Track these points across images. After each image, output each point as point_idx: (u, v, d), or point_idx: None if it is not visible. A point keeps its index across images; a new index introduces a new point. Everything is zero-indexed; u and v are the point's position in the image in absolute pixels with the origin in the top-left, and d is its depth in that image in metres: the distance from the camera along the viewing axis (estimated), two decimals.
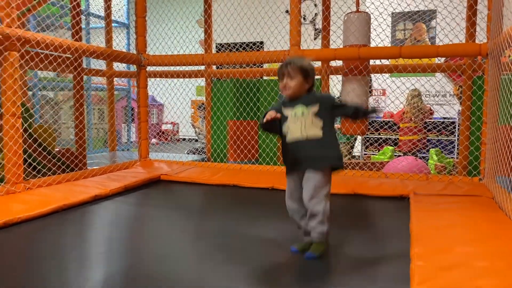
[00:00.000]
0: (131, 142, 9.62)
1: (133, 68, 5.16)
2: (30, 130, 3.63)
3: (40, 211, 2.65)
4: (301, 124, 2.01)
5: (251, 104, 4.84)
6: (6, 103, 2.98)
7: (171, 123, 10.93)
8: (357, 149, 7.40)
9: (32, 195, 3.04)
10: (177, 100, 5.46)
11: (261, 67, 5.94)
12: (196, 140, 9.23)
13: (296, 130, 2.02)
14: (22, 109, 3.24)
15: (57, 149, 4.23)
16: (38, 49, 3.29)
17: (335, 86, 4.58)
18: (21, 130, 3.12)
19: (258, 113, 4.89)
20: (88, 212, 2.94)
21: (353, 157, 6.90)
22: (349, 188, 3.40)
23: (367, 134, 7.04)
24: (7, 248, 2.19)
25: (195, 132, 8.08)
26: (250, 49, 5.49)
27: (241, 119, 4.91)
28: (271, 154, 4.66)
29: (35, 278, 1.82)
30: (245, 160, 4.76)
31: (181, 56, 4.30)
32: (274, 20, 5.34)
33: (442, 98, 7.84)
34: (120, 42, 8.45)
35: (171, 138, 10.64)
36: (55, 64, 3.72)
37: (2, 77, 2.96)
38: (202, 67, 5.00)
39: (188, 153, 7.19)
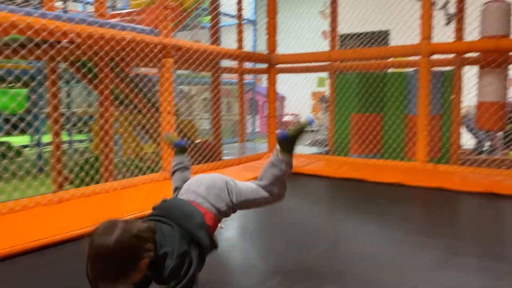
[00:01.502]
0: (256, 132, 10.19)
1: (259, 64, 5.45)
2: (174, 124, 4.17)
3: None
4: None
5: (376, 98, 4.83)
6: (163, 103, 3.49)
7: (292, 114, 11.24)
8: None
9: None
10: (298, 92, 5.60)
11: (387, 59, 5.84)
12: (316, 132, 9.41)
13: None
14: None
15: (198, 141, 4.77)
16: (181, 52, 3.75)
17: (471, 78, 4.33)
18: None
19: (383, 107, 4.88)
20: None
21: (481, 152, 6.40)
22: (484, 187, 3.26)
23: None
24: None
25: (316, 125, 8.26)
26: (375, 40, 5.44)
27: (366, 112, 4.94)
28: (398, 148, 4.62)
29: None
30: (369, 154, 4.80)
31: (309, 54, 4.50)
32: (401, 8, 5.16)
33: None
34: (246, 37, 8.98)
35: None
36: (198, 64, 4.20)
37: (160, 81, 3.47)
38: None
39: (309, 145, 7.38)
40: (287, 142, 1.72)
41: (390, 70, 5.36)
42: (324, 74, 6.99)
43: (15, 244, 2.02)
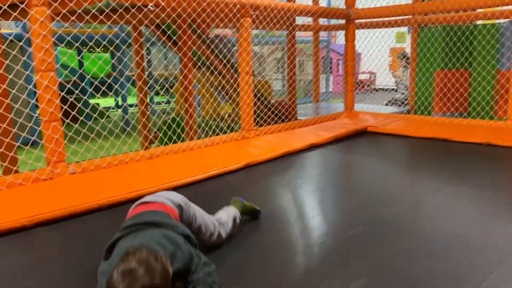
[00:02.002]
0: (329, 92, 10.02)
1: (334, 21, 5.26)
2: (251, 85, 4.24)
3: (271, 156, 3.16)
4: None
5: (463, 52, 4.51)
6: (242, 63, 3.55)
7: (368, 72, 10.85)
8: None
9: (261, 141, 3.61)
10: (376, 49, 5.36)
11: (475, 10, 5.38)
12: (395, 90, 9.02)
13: None
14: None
15: (273, 101, 4.82)
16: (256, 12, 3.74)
17: None
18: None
19: (471, 62, 4.55)
20: (306, 157, 3.35)
21: None
22: None
23: None
24: (254, 181, 2.73)
25: (395, 82, 7.92)
26: None
27: (451, 68, 4.65)
28: (487, 107, 4.33)
29: (278, 205, 2.27)
30: (455, 113, 4.55)
31: (390, 8, 4.27)
32: None
33: None
34: None
35: (368, 88, 10.62)
36: (275, 22, 4.17)
37: (238, 41, 3.51)
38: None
39: (387, 104, 7.14)
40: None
41: (480, 22, 4.95)
42: (403, 29, 6.60)
43: (116, 194, 2.23)
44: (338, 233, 1.91)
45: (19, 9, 2.39)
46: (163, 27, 3.94)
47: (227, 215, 1.77)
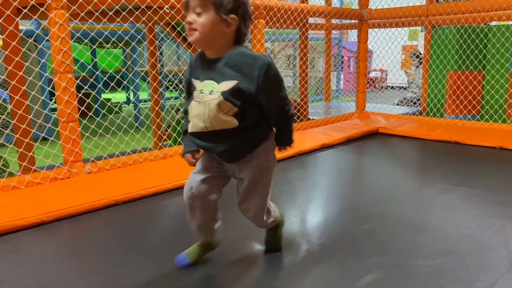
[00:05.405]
0: (340, 89, 9.99)
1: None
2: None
3: (283, 155, 3.18)
4: (205, 108, 1.29)
5: (477, 54, 4.48)
6: None
7: (380, 70, 10.79)
8: None
9: None
10: (387, 46, 5.32)
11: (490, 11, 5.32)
12: (405, 89, 8.97)
13: (199, 118, 1.31)
14: None
15: None
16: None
17: None
18: None
19: (485, 63, 4.52)
20: (318, 157, 3.38)
21: None
22: None
23: None
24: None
25: (407, 81, 7.86)
26: None
27: (464, 70, 4.62)
28: (500, 110, 4.30)
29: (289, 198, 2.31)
30: (467, 116, 4.53)
31: (404, 9, 4.25)
32: None
33: None
34: None
35: (379, 86, 10.57)
36: (288, 22, 4.18)
37: (252, 43, 3.53)
38: None
39: (397, 104, 7.10)
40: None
41: (494, 23, 4.91)
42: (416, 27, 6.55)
43: (131, 191, 2.29)
44: (350, 229, 1.94)
45: (39, 12, 2.43)
46: (173, 23, 3.97)
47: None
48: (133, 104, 7.33)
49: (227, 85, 1.25)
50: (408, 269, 1.54)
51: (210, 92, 1.26)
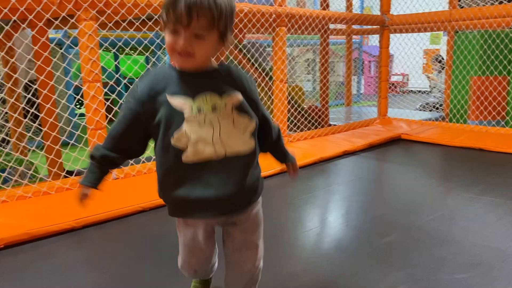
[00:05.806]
0: (360, 94, 9.93)
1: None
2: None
3: (305, 162, 3.21)
4: (215, 128, 1.07)
5: (502, 59, 4.41)
6: (277, 71, 3.60)
7: (401, 74, 10.68)
8: None
9: (294, 147, 3.66)
10: (408, 51, 5.27)
11: None
12: (427, 93, 8.86)
13: (206, 141, 1.07)
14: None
15: (306, 107, 4.85)
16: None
17: None
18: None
19: (510, 69, 4.44)
20: (340, 164, 3.38)
21: None
22: None
23: None
24: (288, 186, 2.78)
25: (429, 86, 7.77)
26: None
27: (488, 75, 4.56)
28: None
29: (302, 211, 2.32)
30: (492, 121, 4.46)
31: (426, 14, 4.22)
32: None
33: None
34: None
35: (400, 90, 10.47)
36: (310, 29, 4.21)
37: (273, 50, 3.57)
38: None
39: (419, 109, 7.01)
40: None
41: None
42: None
43: (157, 198, 2.34)
44: (373, 240, 1.94)
45: (69, 23, 2.51)
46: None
47: None
48: None
49: (236, 96, 1.09)
50: (433, 284, 1.53)
51: (213, 107, 1.06)
